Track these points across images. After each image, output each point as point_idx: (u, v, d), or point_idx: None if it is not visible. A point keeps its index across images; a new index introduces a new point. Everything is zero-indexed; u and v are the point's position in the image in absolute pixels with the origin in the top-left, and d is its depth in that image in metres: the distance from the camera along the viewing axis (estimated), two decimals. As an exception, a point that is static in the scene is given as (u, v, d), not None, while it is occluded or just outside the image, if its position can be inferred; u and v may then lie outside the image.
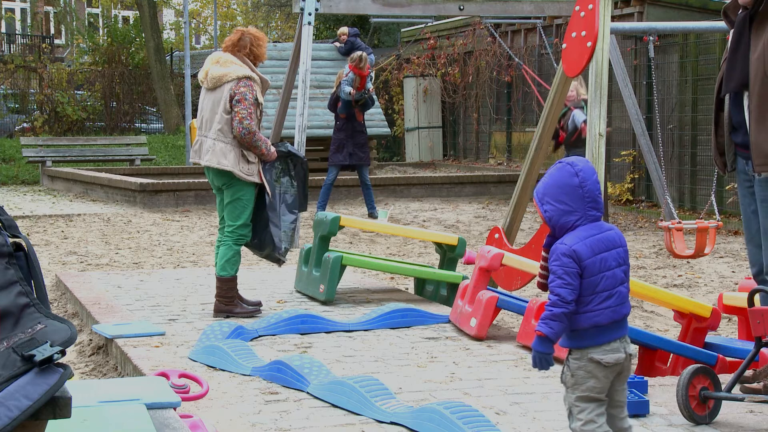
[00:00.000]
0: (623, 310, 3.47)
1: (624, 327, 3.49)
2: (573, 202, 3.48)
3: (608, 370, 3.42)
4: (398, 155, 24.12)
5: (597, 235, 3.47)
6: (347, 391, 4.73)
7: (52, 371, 2.41)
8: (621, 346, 3.45)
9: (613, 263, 3.45)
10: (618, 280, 3.46)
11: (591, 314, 3.41)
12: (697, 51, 14.66)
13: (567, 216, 3.48)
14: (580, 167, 3.50)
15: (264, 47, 7.14)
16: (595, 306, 3.41)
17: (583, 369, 3.42)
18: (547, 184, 3.52)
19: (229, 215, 7.03)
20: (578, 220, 3.48)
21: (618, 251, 3.49)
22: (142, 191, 16.08)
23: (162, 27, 37.55)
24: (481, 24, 18.82)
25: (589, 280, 3.41)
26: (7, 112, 27.95)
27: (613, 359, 3.42)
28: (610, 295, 3.43)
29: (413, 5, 12.60)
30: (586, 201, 3.48)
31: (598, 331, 3.42)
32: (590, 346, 3.42)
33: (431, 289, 7.93)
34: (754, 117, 4.56)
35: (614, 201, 15.69)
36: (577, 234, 3.46)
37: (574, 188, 3.47)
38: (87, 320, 7.20)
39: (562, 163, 3.54)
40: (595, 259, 3.43)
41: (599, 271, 3.42)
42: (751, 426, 4.44)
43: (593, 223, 3.50)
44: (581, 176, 3.48)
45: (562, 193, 3.48)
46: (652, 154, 11.01)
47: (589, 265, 3.42)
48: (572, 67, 7.33)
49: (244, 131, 6.85)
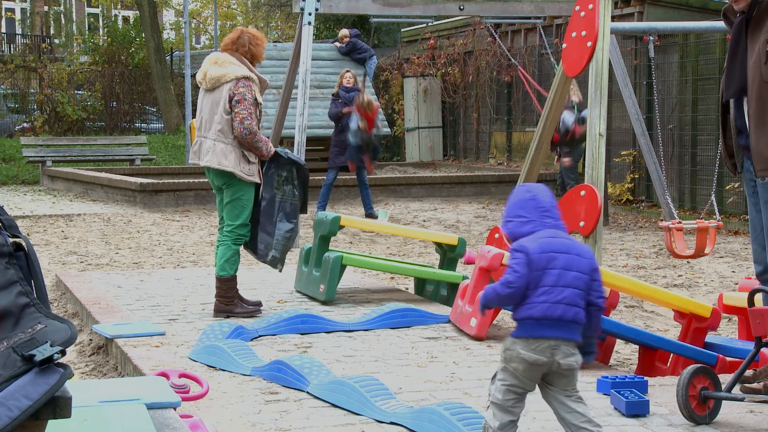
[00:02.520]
0: (558, 309, 3.62)
1: (560, 330, 3.63)
2: (528, 213, 3.78)
3: (529, 365, 3.64)
4: (398, 155, 24.12)
5: (550, 238, 3.73)
6: (347, 391, 4.73)
7: (52, 371, 2.41)
8: (548, 351, 3.62)
9: (560, 264, 3.66)
10: (564, 281, 3.65)
11: (528, 306, 3.66)
12: (697, 51, 14.66)
13: (524, 226, 3.77)
14: (532, 186, 3.87)
15: (262, 47, 7.14)
16: (533, 299, 3.65)
17: (510, 352, 3.68)
18: (506, 207, 3.87)
19: (229, 215, 7.03)
20: (535, 228, 3.76)
21: (571, 257, 3.69)
22: (142, 191, 16.08)
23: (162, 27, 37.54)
24: (481, 24, 18.82)
25: (533, 273, 3.65)
26: (7, 112, 27.94)
27: (532, 358, 3.62)
28: (549, 291, 3.64)
29: (413, 5, 12.60)
30: (541, 211, 3.78)
31: (531, 323, 3.64)
32: (520, 337, 3.67)
33: (431, 289, 7.94)
34: (753, 122, 4.56)
35: (614, 201, 15.69)
36: (530, 237, 3.74)
37: (527, 201, 3.80)
38: (87, 320, 7.20)
39: (517, 187, 3.95)
40: (542, 255, 3.67)
41: (544, 267, 3.65)
42: (751, 426, 4.44)
43: (550, 229, 3.76)
44: (533, 192, 3.82)
45: (518, 208, 3.81)
46: (652, 154, 11.02)
47: (535, 259, 3.66)
48: (572, 67, 7.32)
49: (245, 131, 6.85)
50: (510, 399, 3.69)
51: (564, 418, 3.72)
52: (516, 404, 3.70)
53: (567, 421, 3.71)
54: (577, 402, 3.72)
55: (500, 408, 3.70)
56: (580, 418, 3.69)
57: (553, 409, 3.77)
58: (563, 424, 3.75)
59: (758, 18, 4.55)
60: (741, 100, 4.67)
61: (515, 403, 3.70)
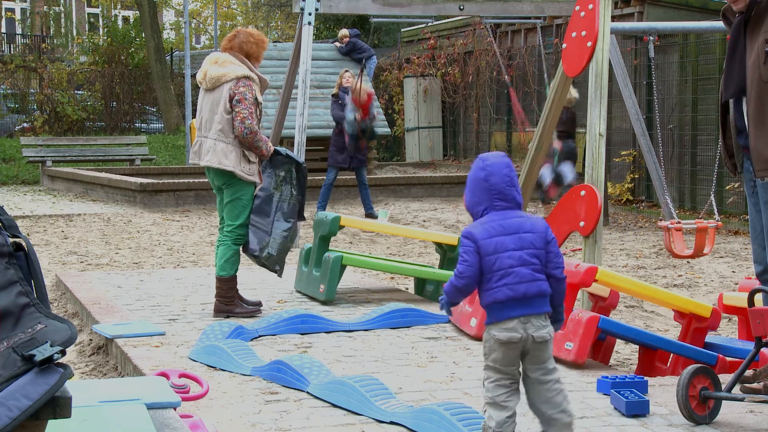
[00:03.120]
0: (521, 288, 3.72)
1: (527, 307, 3.73)
2: (479, 194, 3.85)
3: (505, 347, 3.72)
4: (398, 155, 24.12)
5: (497, 221, 3.79)
6: (347, 390, 4.73)
7: (52, 371, 2.41)
8: (520, 327, 3.72)
9: (510, 245, 3.74)
10: (517, 261, 3.73)
11: (490, 291, 3.74)
12: (697, 51, 14.66)
13: (476, 206, 3.87)
14: (489, 162, 3.86)
15: (262, 47, 7.13)
16: (493, 284, 3.73)
17: (488, 342, 3.77)
18: (468, 177, 3.93)
19: (228, 215, 7.03)
20: (485, 210, 3.84)
21: (521, 236, 3.77)
22: (142, 191, 16.08)
23: (162, 27, 37.54)
24: (481, 24, 18.82)
25: (486, 259, 3.74)
26: (7, 112, 27.94)
27: (506, 337, 3.71)
28: (506, 273, 3.72)
29: (413, 5, 12.60)
30: (492, 193, 3.82)
31: (497, 307, 3.73)
32: (492, 322, 3.76)
33: (431, 289, 7.94)
34: (752, 123, 4.56)
35: (614, 201, 15.69)
36: (480, 221, 3.83)
37: (480, 182, 3.85)
38: (87, 320, 7.20)
39: (478, 157, 3.94)
40: (491, 240, 3.75)
41: (494, 251, 3.74)
42: (751, 426, 4.44)
43: (500, 212, 3.82)
44: (488, 170, 3.84)
45: (472, 186, 3.89)
46: (652, 154, 11.02)
47: (483, 245, 3.75)
48: (572, 67, 7.32)
49: (246, 131, 6.85)
50: (501, 394, 3.73)
51: (539, 408, 3.79)
52: (509, 398, 3.74)
53: (541, 411, 3.79)
54: (556, 392, 3.78)
55: (494, 406, 3.73)
56: (554, 408, 3.77)
57: (529, 397, 3.82)
58: (537, 412, 3.82)
59: (757, 18, 4.54)
60: (740, 100, 4.67)
61: (507, 397, 3.74)
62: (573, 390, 5.00)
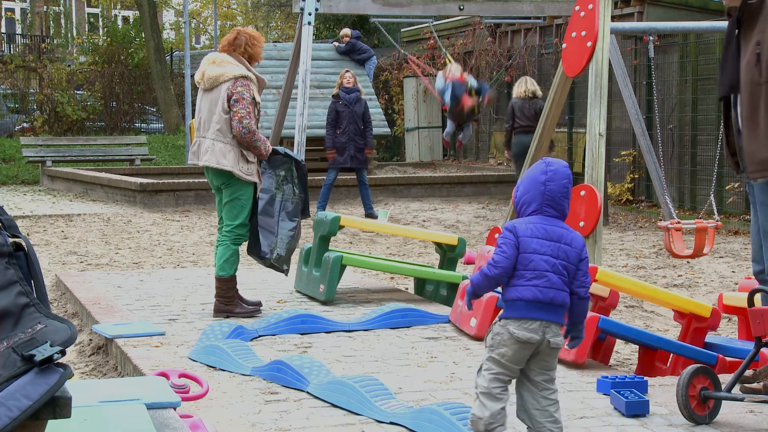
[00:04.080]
0: (550, 293, 3.75)
1: (550, 313, 3.76)
2: (534, 195, 3.87)
3: (520, 345, 3.73)
4: (398, 155, 24.12)
5: (543, 224, 3.83)
6: (347, 391, 4.73)
7: (52, 371, 2.41)
8: (540, 329, 3.74)
9: (548, 251, 3.78)
10: (551, 267, 3.76)
11: (519, 288, 3.76)
12: (697, 51, 14.66)
13: (526, 205, 3.89)
14: (552, 168, 3.89)
15: (259, 47, 7.14)
16: (524, 282, 3.76)
17: (500, 335, 3.77)
18: (526, 172, 3.97)
19: (227, 215, 7.03)
20: (534, 211, 3.86)
21: (561, 246, 3.80)
22: (142, 191, 16.08)
23: (162, 27, 37.55)
24: (481, 24, 18.82)
25: (522, 255, 3.77)
26: (7, 112, 27.93)
27: (525, 336, 3.73)
28: (539, 275, 3.76)
29: (413, 5, 12.61)
30: (545, 198, 3.86)
31: (522, 305, 3.75)
32: (511, 317, 3.77)
33: (431, 289, 7.93)
34: (745, 124, 4.56)
35: (614, 201, 15.69)
36: (526, 219, 3.87)
37: (539, 184, 3.87)
38: (87, 320, 7.20)
39: (542, 160, 3.94)
40: (532, 240, 3.79)
41: (533, 251, 3.77)
42: (751, 426, 4.44)
43: (547, 218, 3.85)
44: (549, 176, 3.87)
45: (529, 186, 3.90)
46: (652, 154, 11.02)
47: (523, 242, 3.78)
48: (572, 67, 7.33)
49: (243, 130, 6.85)
50: (497, 387, 3.76)
51: (531, 414, 3.79)
52: (503, 392, 3.77)
53: (532, 417, 3.79)
54: (552, 402, 3.79)
55: (489, 396, 3.75)
56: (547, 418, 3.78)
57: (522, 403, 3.82)
58: (527, 417, 3.81)
59: (749, 19, 4.54)
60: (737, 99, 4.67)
61: (502, 391, 3.77)
62: (573, 390, 5.00)
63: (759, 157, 4.52)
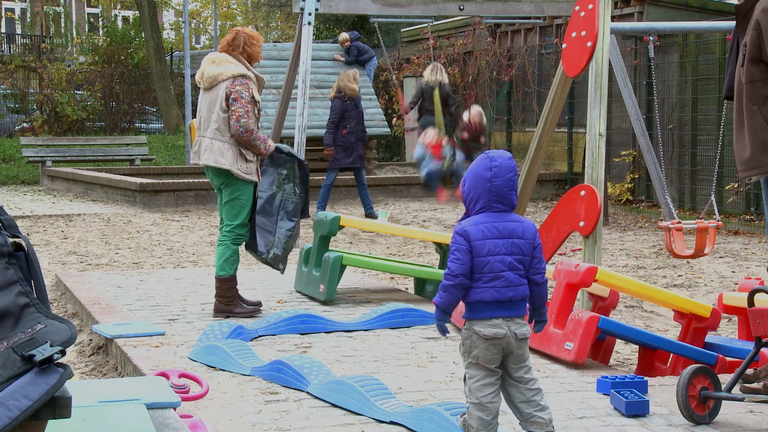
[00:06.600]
0: (508, 292, 3.79)
1: (511, 309, 3.80)
2: (481, 192, 3.87)
3: (488, 343, 3.77)
4: (398, 155, 24.11)
5: (494, 222, 3.83)
6: (347, 391, 4.73)
7: (52, 371, 2.41)
8: (504, 324, 3.79)
9: (503, 250, 3.80)
10: (507, 266, 3.80)
11: (477, 290, 3.79)
12: (697, 51, 14.66)
13: (474, 202, 3.88)
14: (497, 163, 3.88)
15: (258, 46, 7.15)
16: (482, 284, 3.78)
17: (469, 339, 3.82)
18: (470, 168, 3.95)
19: (227, 214, 7.03)
20: (482, 209, 3.86)
21: (514, 241, 3.82)
22: (142, 191, 16.08)
23: (162, 27, 37.54)
24: (481, 24, 18.81)
25: (477, 259, 3.79)
26: (7, 112, 27.93)
27: (491, 333, 3.77)
28: (496, 277, 3.78)
29: (413, 5, 12.60)
30: (492, 194, 3.85)
31: (482, 306, 3.79)
32: (474, 319, 3.81)
33: (431, 289, 7.93)
34: (735, 124, 4.59)
35: (614, 201, 15.69)
36: (475, 218, 3.86)
37: (484, 180, 3.86)
38: (87, 320, 7.20)
39: (484, 154, 3.95)
40: (484, 242, 3.79)
41: (487, 253, 3.79)
42: (751, 426, 4.44)
43: (496, 213, 3.86)
44: (494, 172, 3.86)
45: (475, 182, 3.89)
46: (652, 154, 11.02)
47: (476, 246, 3.79)
48: (572, 67, 7.32)
49: (241, 129, 6.85)
50: (488, 394, 3.79)
51: (518, 407, 3.84)
52: (494, 398, 3.80)
53: (520, 410, 3.84)
54: (535, 391, 3.84)
55: (479, 407, 3.79)
56: (534, 407, 3.82)
57: (509, 398, 3.86)
58: (515, 410, 3.87)
59: (741, 21, 4.57)
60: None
61: (493, 397, 3.80)
62: (573, 390, 5.00)
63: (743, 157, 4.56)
